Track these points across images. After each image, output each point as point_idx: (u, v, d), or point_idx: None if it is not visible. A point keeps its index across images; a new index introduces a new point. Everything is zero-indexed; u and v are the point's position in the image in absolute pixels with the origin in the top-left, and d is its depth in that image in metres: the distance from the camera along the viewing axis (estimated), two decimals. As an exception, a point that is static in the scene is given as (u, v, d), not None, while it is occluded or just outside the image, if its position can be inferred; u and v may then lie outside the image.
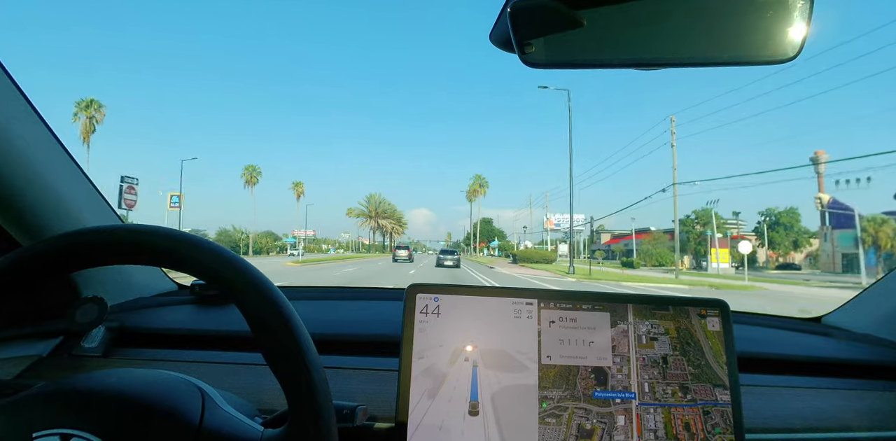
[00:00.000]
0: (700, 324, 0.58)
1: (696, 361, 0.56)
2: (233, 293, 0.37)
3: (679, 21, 0.48)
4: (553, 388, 0.54)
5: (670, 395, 0.55)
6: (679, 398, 0.55)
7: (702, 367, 0.56)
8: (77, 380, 0.40)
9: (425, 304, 0.55)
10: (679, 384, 0.55)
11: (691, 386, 0.55)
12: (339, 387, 0.66)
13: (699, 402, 0.55)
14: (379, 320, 0.84)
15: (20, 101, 0.65)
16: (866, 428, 0.67)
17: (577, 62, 0.50)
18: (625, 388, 0.55)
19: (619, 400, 0.54)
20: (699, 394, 0.55)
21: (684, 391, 0.55)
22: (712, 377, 0.56)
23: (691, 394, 0.55)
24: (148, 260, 0.39)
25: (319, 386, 0.37)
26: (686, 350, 0.57)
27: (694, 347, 0.57)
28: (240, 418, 0.40)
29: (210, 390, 0.42)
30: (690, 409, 0.54)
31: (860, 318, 0.96)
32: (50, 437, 0.34)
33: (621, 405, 0.54)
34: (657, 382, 0.55)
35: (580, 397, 0.54)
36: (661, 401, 0.54)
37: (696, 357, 0.56)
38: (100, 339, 0.75)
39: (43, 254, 0.38)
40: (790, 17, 0.45)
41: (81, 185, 0.78)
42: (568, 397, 0.54)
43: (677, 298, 0.59)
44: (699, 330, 0.58)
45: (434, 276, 16.37)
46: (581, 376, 0.55)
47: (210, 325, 0.83)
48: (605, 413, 0.53)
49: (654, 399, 0.54)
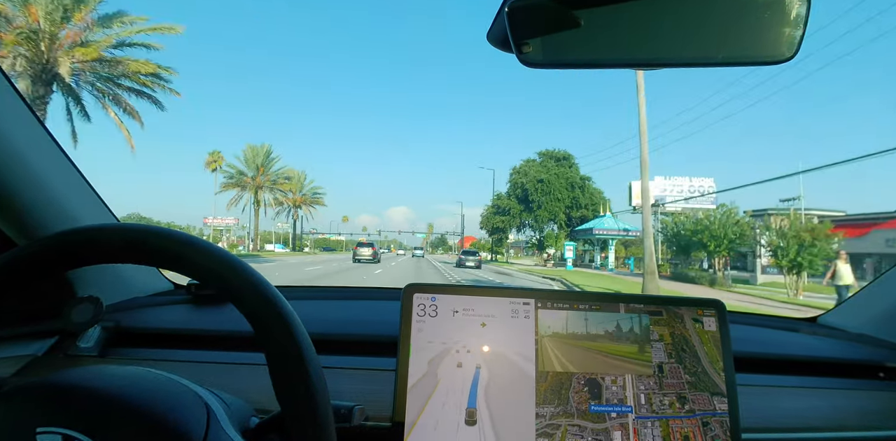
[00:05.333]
0: (695, 327, 0.56)
1: (693, 369, 0.54)
2: (231, 293, 0.37)
3: (677, 21, 0.48)
4: (544, 404, 0.52)
5: (668, 407, 0.52)
6: (677, 409, 0.52)
7: (699, 374, 0.54)
8: (83, 376, 0.39)
9: (422, 304, 0.55)
10: (676, 394, 0.53)
11: (689, 396, 0.53)
12: (336, 386, 0.66)
13: (698, 413, 0.52)
14: (376, 320, 0.84)
15: (16, 101, 0.65)
16: (862, 427, 0.67)
17: (575, 62, 0.50)
18: (620, 400, 0.52)
19: (615, 414, 0.52)
20: (697, 404, 0.53)
21: (682, 401, 0.53)
22: (710, 385, 0.54)
23: (689, 404, 0.53)
24: (144, 260, 0.38)
25: (317, 385, 0.37)
26: (682, 357, 0.55)
27: (690, 354, 0.55)
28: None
29: (213, 404, 0.41)
30: (689, 420, 0.52)
31: (855, 318, 0.97)
32: (53, 434, 0.33)
33: (617, 420, 0.52)
34: (654, 393, 0.53)
35: (573, 413, 0.52)
36: (659, 413, 0.52)
37: (692, 364, 0.55)
38: (95, 338, 0.74)
39: (38, 253, 0.38)
40: (787, 18, 0.45)
41: (77, 184, 0.77)
42: (560, 413, 0.52)
43: (674, 298, 0.58)
44: (694, 334, 0.56)
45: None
46: (574, 389, 0.52)
47: (206, 325, 0.83)
48: (601, 429, 0.51)
49: (651, 411, 0.52)
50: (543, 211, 33.86)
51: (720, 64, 0.49)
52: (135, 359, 0.74)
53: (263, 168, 42.55)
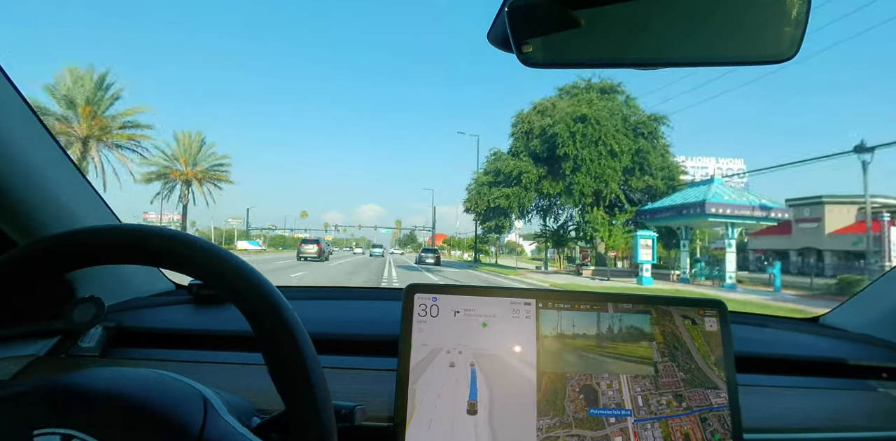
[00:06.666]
0: (685, 324, 0.56)
1: (686, 365, 0.55)
2: (232, 293, 0.37)
3: (677, 20, 0.48)
4: (541, 417, 0.51)
5: (665, 407, 0.53)
6: (675, 408, 0.53)
7: (692, 370, 0.55)
8: (80, 377, 0.39)
9: (423, 304, 0.55)
10: (673, 393, 0.53)
11: (685, 393, 0.54)
12: (337, 387, 0.66)
13: (695, 410, 0.53)
14: (377, 320, 0.84)
15: (17, 101, 0.65)
16: (863, 427, 0.67)
17: (575, 62, 0.50)
18: (618, 404, 0.52)
19: (614, 419, 0.52)
20: (694, 400, 0.53)
21: (679, 400, 0.53)
22: (704, 381, 0.54)
23: (686, 401, 0.53)
24: (145, 260, 0.39)
25: (318, 386, 0.37)
26: (675, 355, 0.55)
27: (682, 351, 0.55)
28: (242, 432, 0.40)
29: (212, 397, 0.42)
30: (688, 418, 0.52)
31: (857, 318, 0.97)
32: (51, 435, 0.34)
33: (616, 425, 0.51)
34: (650, 394, 0.53)
35: (570, 422, 0.51)
36: (658, 414, 0.52)
37: (685, 361, 0.55)
38: (97, 338, 0.75)
39: (40, 253, 0.38)
40: (787, 17, 0.45)
41: (78, 185, 0.77)
42: (557, 425, 0.51)
43: (676, 298, 0.58)
44: (684, 331, 0.56)
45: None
46: (569, 398, 0.52)
47: (207, 325, 0.83)
48: (600, 437, 0.51)
49: (649, 413, 0.52)
50: (584, 175, 17.94)
51: (721, 63, 0.49)
52: (136, 359, 0.74)
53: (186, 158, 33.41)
